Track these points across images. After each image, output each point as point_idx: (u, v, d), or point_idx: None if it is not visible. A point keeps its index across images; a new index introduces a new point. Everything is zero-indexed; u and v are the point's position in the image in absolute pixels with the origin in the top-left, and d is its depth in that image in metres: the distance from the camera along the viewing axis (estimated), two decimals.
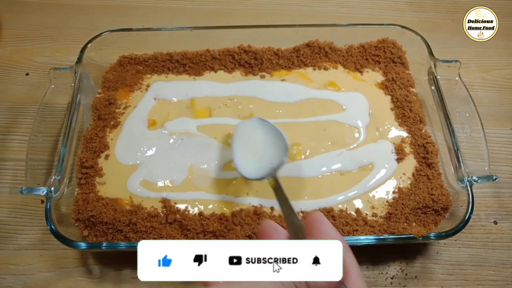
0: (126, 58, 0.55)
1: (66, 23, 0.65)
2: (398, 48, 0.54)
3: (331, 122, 0.48)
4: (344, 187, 0.44)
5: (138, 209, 0.42)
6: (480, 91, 0.58)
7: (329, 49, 0.53)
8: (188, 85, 0.52)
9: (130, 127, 0.49)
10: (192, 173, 0.45)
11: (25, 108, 0.55)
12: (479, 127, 0.46)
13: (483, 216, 0.47)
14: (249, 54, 0.53)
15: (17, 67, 0.60)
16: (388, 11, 0.67)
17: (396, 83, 0.51)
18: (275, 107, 0.50)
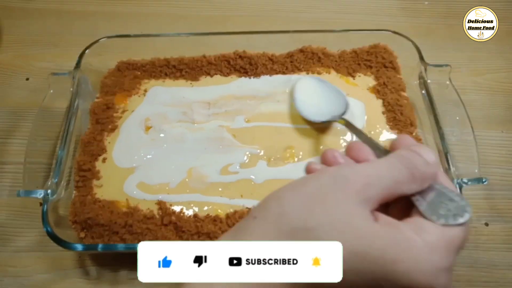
0: (124, 63, 0.56)
1: (66, 29, 0.66)
2: (389, 53, 0.55)
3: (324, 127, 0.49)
4: None
5: (134, 211, 0.43)
6: (472, 94, 0.58)
7: (322, 54, 0.54)
8: (185, 90, 0.53)
9: (127, 131, 0.50)
10: (190, 175, 0.46)
11: (25, 112, 0.56)
12: (470, 130, 0.46)
13: (474, 218, 0.48)
14: (245, 60, 0.54)
15: (18, 72, 0.61)
16: (381, 16, 0.68)
17: (387, 87, 0.52)
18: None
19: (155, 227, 0.42)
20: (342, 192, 0.22)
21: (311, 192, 0.23)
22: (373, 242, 0.21)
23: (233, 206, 0.44)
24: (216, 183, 0.45)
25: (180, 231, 0.42)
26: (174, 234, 0.42)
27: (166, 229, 0.42)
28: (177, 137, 0.49)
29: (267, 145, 0.48)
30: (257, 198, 0.44)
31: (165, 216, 0.43)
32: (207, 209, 0.44)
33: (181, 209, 0.44)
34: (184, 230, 0.42)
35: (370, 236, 0.21)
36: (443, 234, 0.22)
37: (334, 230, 0.21)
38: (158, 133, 0.50)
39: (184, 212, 0.43)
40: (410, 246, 0.21)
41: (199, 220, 0.43)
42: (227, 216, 0.43)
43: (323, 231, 0.22)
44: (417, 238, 0.21)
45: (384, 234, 0.21)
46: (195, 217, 0.43)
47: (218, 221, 0.43)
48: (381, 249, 0.21)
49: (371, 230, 0.22)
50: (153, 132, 0.50)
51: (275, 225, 0.22)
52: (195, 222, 0.42)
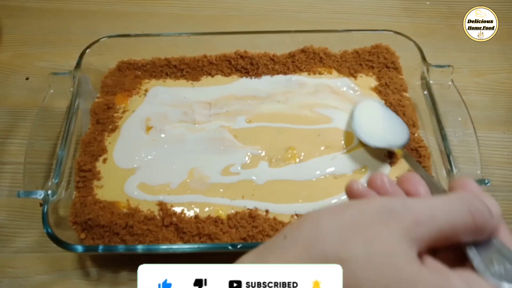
0: (125, 63, 0.56)
1: (66, 28, 0.66)
2: (391, 53, 0.54)
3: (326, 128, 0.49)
4: (338, 190, 0.45)
5: (135, 212, 0.43)
6: (473, 95, 0.58)
7: (324, 55, 0.54)
8: (186, 90, 0.53)
9: (128, 131, 0.50)
10: (191, 176, 0.46)
11: (25, 112, 0.56)
12: (472, 131, 0.46)
13: None
14: (246, 60, 0.54)
15: (17, 72, 0.61)
16: (383, 17, 0.68)
17: (389, 87, 0.52)
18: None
19: (155, 228, 0.42)
20: (387, 226, 0.20)
21: (352, 221, 0.21)
22: (415, 287, 0.18)
23: (235, 207, 0.44)
24: (217, 184, 0.45)
25: (181, 232, 0.42)
26: (175, 236, 0.42)
27: (167, 230, 0.42)
28: (178, 138, 0.49)
29: (268, 146, 0.48)
30: (259, 199, 0.44)
31: (166, 217, 0.43)
32: (208, 210, 0.44)
33: (182, 210, 0.43)
34: (185, 231, 0.42)
35: (413, 279, 0.19)
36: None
37: (370, 266, 0.19)
38: (159, 133, 0.49)
39: (185, 213, 0.43)
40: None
41: (200, 221, 0.42)
42: (229, 217, 0.43)
43: (358, 265, 0.19)
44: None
45: (430, 280, 0.19)
46: (196, 218, 0.43)
47: (220, 222, 0.42)
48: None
49: (414, 273, 0.19)
50: (154, 132, 0.49)
51: (305, 249, 0.21)
52: (196, 223, 0.42)
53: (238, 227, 0.42)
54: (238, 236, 0.41)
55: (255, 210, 0.43)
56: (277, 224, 0.42)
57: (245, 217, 0.43)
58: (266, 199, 0.44)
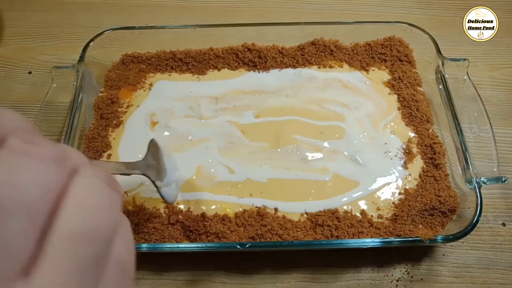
0: (129, 56, 0.54)
1: (69, 21, 0.64)
2: (405, 46, 0.52)
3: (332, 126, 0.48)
4: (348, 188, 0.43)
5: (141, 210, 0.42)
6: (488, 90, 0.56)
7: (335, 47, 0.52)
8: (192, 84, 0.52)
9: (132, 127, 0.48)
10: (199, 173, 0.44)
11: (28, 106, 0.55)
12: (488, 126, 0.45)
13: (491, 218, 0.46)
14: (253, 53, 0.53)
15: (20, 66, 0.60)
16: (395, 8, 0.66)
17: (402, 82, 0.50)
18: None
19: (162, 226, 0.41)
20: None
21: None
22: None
23: (242, 205, 0.42)
24: (225, 182, 0.44)
25: (188, 231, 0.41)
26: (182, 234, 0.41)
27: (174, 229, 0.41)
28: (184, 133, 0.48)
29: (276, 142, 0.46)
30: (267, 197, 0.43)
31: (172, 215, 0.41)
32: (215, 208, 0.42)
33: (189, 208, 0.42)
34: (191, 229, 0.41)
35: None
36: None
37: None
38: (164, 129, 0.48)
39: (192, 211, 0.42)
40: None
41: (207, 219, 0.41)
42: (236, 215, 0.42)
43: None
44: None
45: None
46: (203, 216, 0.42)
47: (227, 220, 0.41)
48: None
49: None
50: (159, 127, 0.48)
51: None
52: (203, 222, 0.41)
53: (246, 226, 0.41)
54: (247, 235, 0.40)
55: (264, 208, 0.42)
56: (286, 222, 0.41)
57: (253, 215, 0.41)
58: (275, 197, 0.43)
